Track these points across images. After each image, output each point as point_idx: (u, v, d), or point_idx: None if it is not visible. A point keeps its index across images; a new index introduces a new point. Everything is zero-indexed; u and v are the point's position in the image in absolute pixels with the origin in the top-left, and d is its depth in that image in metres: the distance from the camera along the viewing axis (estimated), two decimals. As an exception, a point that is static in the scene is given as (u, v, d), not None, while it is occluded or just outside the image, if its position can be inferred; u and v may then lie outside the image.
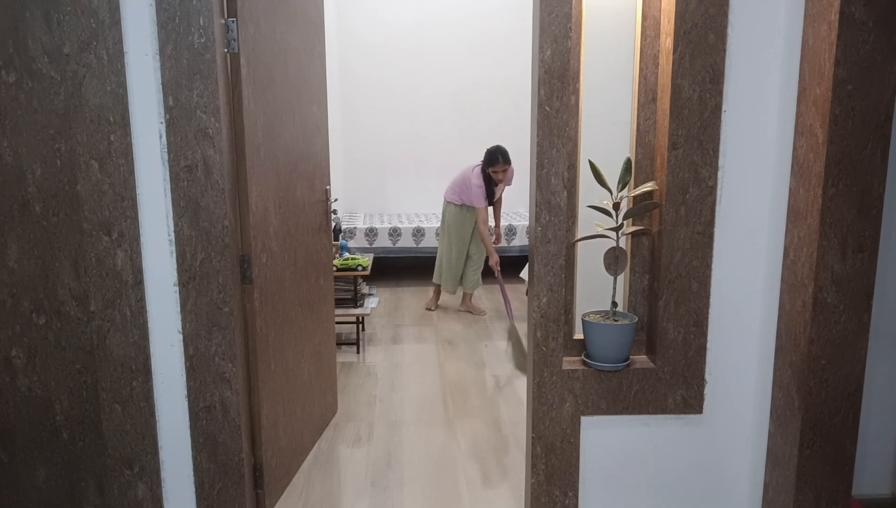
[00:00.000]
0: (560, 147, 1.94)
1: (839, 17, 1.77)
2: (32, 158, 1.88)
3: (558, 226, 1.98)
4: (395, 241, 5.91)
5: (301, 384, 2.72)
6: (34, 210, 1.91)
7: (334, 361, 3.25)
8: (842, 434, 2.02)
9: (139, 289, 1.96)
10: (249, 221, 2.15)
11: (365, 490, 2.62)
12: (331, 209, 3.00)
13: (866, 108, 1.82)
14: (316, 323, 2.90)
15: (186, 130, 1.89)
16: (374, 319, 4.97)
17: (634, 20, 2.07)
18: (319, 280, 2.95)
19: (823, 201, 1.86)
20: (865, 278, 1.91)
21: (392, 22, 6.66)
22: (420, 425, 3.21)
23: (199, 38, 1.85)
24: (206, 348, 2.00)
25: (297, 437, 2.69)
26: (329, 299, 3.15)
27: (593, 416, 2.10)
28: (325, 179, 3.00)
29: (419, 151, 6.89)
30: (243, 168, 2.13)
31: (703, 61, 1.91)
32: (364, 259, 4.24)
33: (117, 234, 1.93)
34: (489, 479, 2.70)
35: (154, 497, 2.08)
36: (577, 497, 2.15)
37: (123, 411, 2.02)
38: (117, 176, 1.90)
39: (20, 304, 1.95)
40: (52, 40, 1.82)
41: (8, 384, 1.99)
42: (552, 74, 1.90)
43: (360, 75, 6.71)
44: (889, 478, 2.34)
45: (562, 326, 2.04)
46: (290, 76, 2.54)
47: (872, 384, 2.18)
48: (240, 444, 2.08)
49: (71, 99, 1.85)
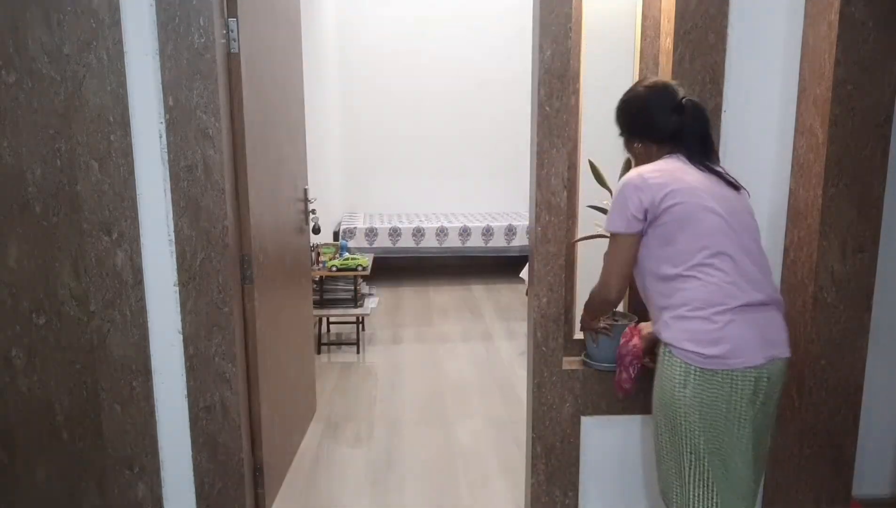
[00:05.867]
0: (560, 147, 1.94)
1: (839, 17, 1.77)
2: (32, 158, 1.88)
3: (558, 226, 1.98)
4: (395, 241, 5.91)
5: (290, 384, 2.73)
6: (34, 210, 1.90)
7: (314, 361, 3.26)
8: (842, 434, 2.02)
9: (139, 289, 1.96)
10: (249, 221, 2.15)
11: (365, 490, 2.62)
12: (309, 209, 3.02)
13: (866, 108, 1.82)
14: (299, 323, 2.92)
15: (186, 130, 1.89)
16: (374, 319, 4.97)
17: (634, 20, 2.07)
18: (301, 280, 2.97)
19: (823, 201, 1.86)
20: (865, 278, 1.91)
21: (392, 22, 6.66)
22: (420, 425, 3.21)
23: (199, 38, 1.85)
24: (206, 348, 2.00)
25: (288, 436, 2.70)
26: (308, 300, 3.19)
27: (593, 416, 2.10)
28: (304, 178, 3.02)
29: (419, 151, 6.89)
30: (243, 168, 2.13)
31: (703, 61, 1.91)
32: (364, 259, 4.24)
33: (117, 234, 1.93)
34: (489, 479, 2.70)
35: (154, 497, 2.08)
36: (577, 497, 2.15)
37: (123, 411, 2.02)
38: (117, 176, 1.90)
39: (20, 304, 1.95)
40: (52, 40, 1.82)
41: (8, 384, 1.99)
42: (552, 74, 1.90)
43: (360, 75, 6.71)
44: (889, 478, 2.34)
45: (562, 326, 2.04)
46: (277, 76, 2.54)
47: (872, 384, 2.18)
48: (240, 444, 2.08)
49: (71, 99, 1.85)
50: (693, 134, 1.65)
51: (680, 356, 1.56)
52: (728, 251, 1.55)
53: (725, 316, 1.53)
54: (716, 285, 1.54)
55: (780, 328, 1.61)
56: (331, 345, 4.41)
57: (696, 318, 1.55)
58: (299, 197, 2.93)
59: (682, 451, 1.60)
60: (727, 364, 1.53)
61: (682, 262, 1.57)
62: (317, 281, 4.13)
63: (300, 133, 2.98)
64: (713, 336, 1.53)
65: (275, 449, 2.45)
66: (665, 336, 1.60)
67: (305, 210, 3.01)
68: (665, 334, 1.60)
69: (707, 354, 1.53)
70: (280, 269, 2.57)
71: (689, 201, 1.56)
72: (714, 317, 1.53)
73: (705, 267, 1.55)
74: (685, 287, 1.56)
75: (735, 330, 1.53)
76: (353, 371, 3.95)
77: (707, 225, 1.55)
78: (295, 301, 2.84)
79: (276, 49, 2.53)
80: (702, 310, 1.54)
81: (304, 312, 3.08)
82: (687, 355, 1.55)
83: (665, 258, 1.60)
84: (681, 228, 1.56)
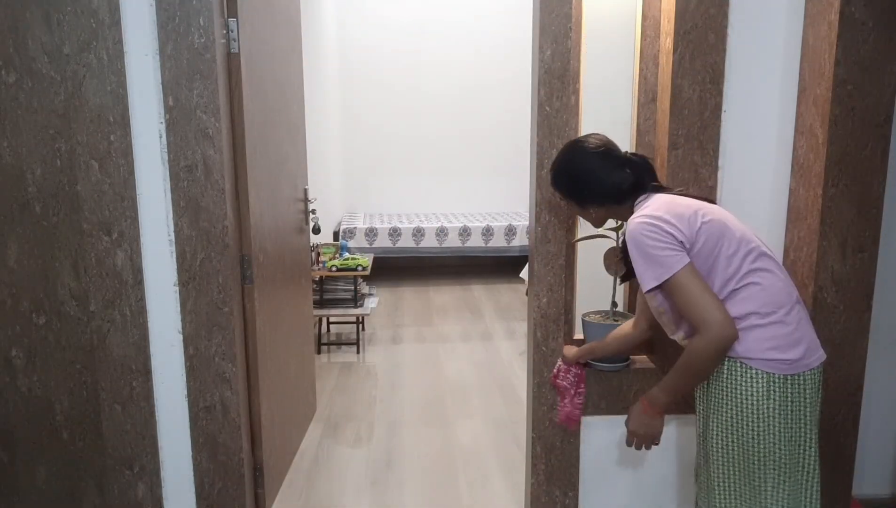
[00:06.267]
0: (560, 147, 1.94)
1: (839, 17, 1.77)
2: (32, 158, 1.88)
3: (558, 226, 1.98)
4: (395, 241, 5.91)
5: (290, 384, 2.73)
6: (34, 210, 1.91)
7: (313, 361, 3.26)
8: (842, 434, 2.02)
9: (139, 289, 1.96)
10: (249, 221, 2.15)
11: (365, 490, 2.62)
12: (309, 209, 3.03)
13: (866, 108, 1.82)
14: (299, 322, 2.92)
15: (186, 130, 1.89)
16: (374, 319, 4.97)
17: (634, 20, 2.07)
18: (301, 280, 2.97)
19: (823, 201, 1.86)
20: (865, 278, 1.91)
21: (392, 22, 6.66)
22: (420, 425, 3.21)
23: (199, 38, 1.85)
24: (206, 348, 2.00)
25: (288, 436, 2.70)
26: (308, 299, 3.19)
27: (593, 416, 2.10)
28: (304, 178, 3.02)
29: (419, 151, 6.89)
30: (243, 168, 2.13)
31: (703, 61, 1.91)
32: (364, 259, 4.24)
33: (117, 234, 1.93)
34: (489, 479, 2.70)
35: (154, 497, 2.08)
36: (577, 497, 2.15)
37: (123, 411, 2.02)
38: (117, 176, 1.90)
39: (20, 304, 1.95)
40: (52, 40, 1.82)
41: (8, 384, 1.99)
42: (552, 74, 1.90)
43: (360, 75, 6.71)
44: (889, 478, 2.34)
45: (562, 326, 2.04)
46: (277, 76, 2.55)
47: (872, 384, 2.18)
48: (240, 444, 2.08)
49: (71, 99, 1.85)
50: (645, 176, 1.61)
51: (762, 367, 1.46)
52: (765, 251, 1.52)
53: (795, 314, 1.49)
54: (773, 285, 1.48)
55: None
56: (331, 345, 4.41)
57: (770, 324, 1.46)
58: (299, 197, 2.93)
59: (765, 469, 1.49)
60: (808, 365, 1.48)
61: (735, 274, 1.48)
62: (317, 281, 4.13)
63: (300, 133, 2.98)
64: (793, 338, 1.47)
65: (275, 449, 2.45)
66: (739, 351, 1.47)
67: (305, 210, 3.01)
68: (738, 348, 1.47)
69: (792, 359, 1.45)
70: (280, 269, 2.57)
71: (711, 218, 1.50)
72: (786, 318, 1.47)
73: (757, 272, 1.48)
74: (746, 296, 1.47)
75: (806, 327, 1.50)
76: (353, 371, 3.95)
77: (735, 232, 1.51)
78: (295, 301, 2.85)
79: (276, 49, 2.53)
80: (773, 314, 1.46)
81: (304, 312, 3.08)
82: (770, 364, 1.45)
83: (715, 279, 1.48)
84: (718, 242, 1.48)
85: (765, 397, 1.46)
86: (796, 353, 1.46)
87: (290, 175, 2.75)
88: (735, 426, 1.50)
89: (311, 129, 3.27)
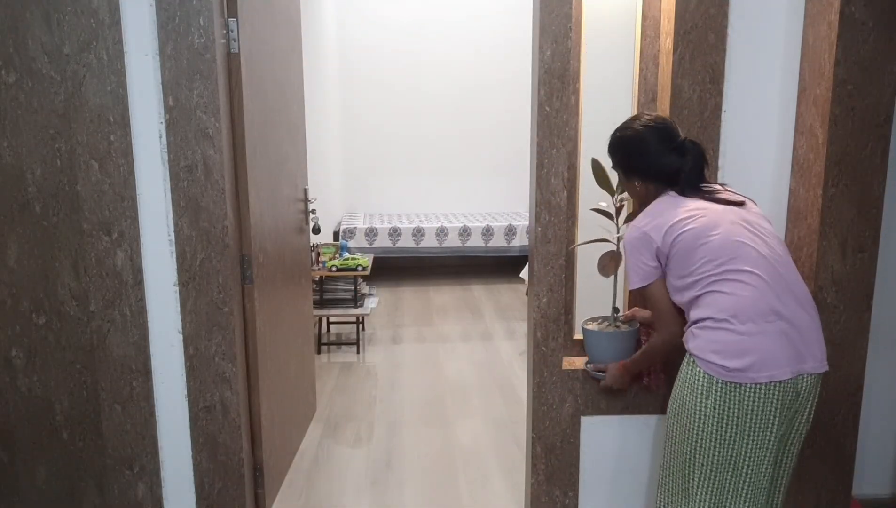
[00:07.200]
0: (560, 147, 1.94)
1: (839, 17, 1.77)
2: (32, 158, 1.88)
3: (558, 226, 1.98)
4: (395, 241, 5.91)
5: (290, 384, 2.73)
6: (34, 210, 1.90)
7: (313, 361, 3.26)
8: (842, 434, 2.02)
9: (139, 289, 1.96)
10: (249, 221, 2.15)
11: (365, 490, 2.62)
12: (309, 209, 3.03)
13: (866, 108, 1.82)
14: (299, 323, 2.92)
15: (186, 130, 1.89)
16: (374, 319, 4.97)
17: (634, 20, 2.07)
18: (301, 280, 2.97)
19: (823, 201, 1.86)
20: (865, 278, 1.91)
21: (392, 22, 6.66)
22: (420, 425, 3.21)
23: (199, 38, 1.85)
24: (206, 348, 2.00)
25: (288, 436, 2.70)
26: (308, 299, 3.19)
27: (593, 416, 2.10)
28: (304, 178, 3.02)
29: (419, 151, 6.89)
30: (243, 168, 2.13)
31: (703, 61, 1.91)
32: (364, 259, 4.24)
33: (117, 234, 1.93)
34: (489, 479, 2.70)
35: (154, 497, 2.08)
36: (577, 497, 2.15)
37: (123, 411, 2.02)
38: (117, 176, 1.90)
39: (20, 304, 1.95)
40: (52, 40, 1.82)
41: (8, 384, 1.99)
42: (552, 74, 1.90)
43: (360, 76, 6.70)
44: (889, 478, 2.34)
45: (562, 326, 2.04)
46: (277, 76, 2.55)
47: (872, 384, 2.18)
48: (240, 444, 2.08)
49: (71, 99, 1.85)
50: (690, 174, 1.67)
51: (703, 367, 1.53)
52: (748, 262, 1.53)
53: (753, 326, 1.49)
54: (741, 296, 1.51)
55: (813, 341, 1.55)
56: (331, 345, 4.41)
57: (721, 329, 1.52)
58: (299, 197, 2.93)
59: (694, 462, 1.57)
60: (751, 378, 1.48)
61: (701, 279, 1.56)
62: (317, 281, 4.13)
63: (300, 133, 2.98)
64: (739, 347, 1.49)
65: (275, 449, 2.45)
66: (690, 346, 1.59)
67: (305, 210, 3.01)
68: (690, 343, 1.59)
69: (731, 367, 1.49)
70: (280, 269, 2.57)
71: (691, 227, 1.58)
72: (740, 327, 1.50)
73: (726, 282, 1.53)
74: (709, 302, 1.55)
75: (763, 342, 1.49)
76: (353, 371, 3.95)
77: (716, 243, 1.55)
78: (295, 301, 2.85)
79: (276, 49, 2.53)
80: (727, 321, 1.51)
81: (304, 312, 3.08)
82: (710, 366, 1.52)
83: (686, 286, 1.60)
84: (689, 253, 1.57)
85: (703, 395, 1.54)
86: (738, 363, 1.49)
87: (290, 175, 2.75)
88: (678, 413, 1.62)
89: (311, 129, 3.27)
